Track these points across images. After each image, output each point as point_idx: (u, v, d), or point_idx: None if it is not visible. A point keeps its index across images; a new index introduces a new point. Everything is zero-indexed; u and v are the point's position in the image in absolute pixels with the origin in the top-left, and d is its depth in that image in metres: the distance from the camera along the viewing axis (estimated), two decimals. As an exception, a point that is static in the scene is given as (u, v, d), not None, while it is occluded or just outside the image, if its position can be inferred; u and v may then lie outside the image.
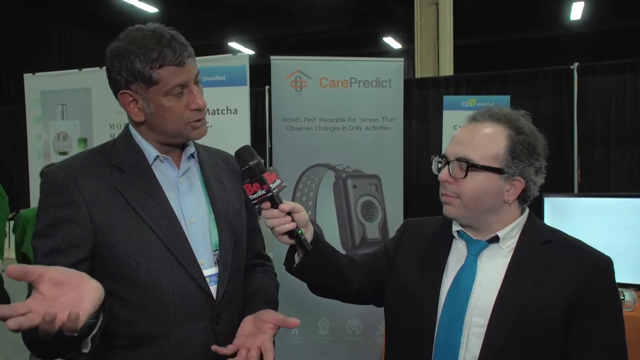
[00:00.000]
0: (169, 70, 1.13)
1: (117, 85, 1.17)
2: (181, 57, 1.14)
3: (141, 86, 1.14)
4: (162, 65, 1.12)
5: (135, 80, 1.13)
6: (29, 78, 4.24)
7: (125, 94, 1.16)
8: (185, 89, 1.17)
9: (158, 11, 10.42)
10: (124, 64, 1.13)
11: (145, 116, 1.18)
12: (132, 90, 1.15)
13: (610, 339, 1.12)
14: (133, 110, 1.18)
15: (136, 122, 1.21)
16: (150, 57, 1.11)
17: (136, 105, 1.17)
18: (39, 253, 1.12)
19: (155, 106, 1.16)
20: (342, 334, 3.29)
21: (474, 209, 1.18)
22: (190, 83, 1.18)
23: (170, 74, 1.13)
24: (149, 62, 1.11)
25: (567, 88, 5.92)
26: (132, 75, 1.13)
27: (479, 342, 1.13)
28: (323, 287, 1.37)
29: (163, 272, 1.16)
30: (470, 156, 1.16)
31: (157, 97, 1.15)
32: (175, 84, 1.14)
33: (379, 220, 3.31)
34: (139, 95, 1.15)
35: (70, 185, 1.13)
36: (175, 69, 1.14)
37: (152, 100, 1.15)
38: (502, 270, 1.17)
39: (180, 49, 1.14)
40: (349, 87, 3.31)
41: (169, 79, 1.13)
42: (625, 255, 2.34)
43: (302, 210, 1.21)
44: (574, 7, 10.53)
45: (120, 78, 1.15)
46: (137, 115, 1.18)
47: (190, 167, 1.29)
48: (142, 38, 1.13)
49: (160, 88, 1.14)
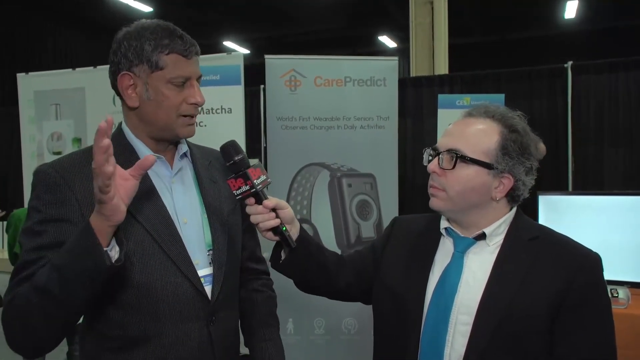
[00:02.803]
0: (176, 58, 1.16)
1: (119, 67, 1.17)
2: (189, 50, 1.18)
3: (145, 69, 1.15)
4: (171, 52, 1.15)
5: (141, 62, 1.15)
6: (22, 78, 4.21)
7: (126, 76, 1.17)
8: (187, 82, 1.18)
9: (153, 10, 10.39)
10: (133, 44, 1.15)
11: (140, 102, 1.18)
12: (134, 74, 1.16)
13: (597, 337, 1.11)
14: (129, 95, 1.18)
15: (129, 108, 1.20)
16: (161, 43, 1.15)
17: (134, 90, 1.17)
18: (26, 248, 1.10)
19: (154, 92, 1.16)
20: (338, 333, 3.30)
21: (459, 203, 1.18)
22: (193, 78, 1.20)
23: (176, 63, 1.16)
24: (158, 46, 1.15)
25: (561, 87, 5.94)
26: (138, 57, 1.15)
27: (465, 340, 1.12)
28: (309, 284, 1.37)
29: (157, 272, 1.15)
30: (461, 148, 1.16)
31: (158, 83, 1.16)
32: (179, 74, 1.16)
33: (374, 219, 3.31)
34: (140, 79, 1.16)
35: (62, 184, 1.13)
36: (182, 59, 1.17)
37: (152, 86, 1.16)
38: (489, 268, 1.16)
39: (190, 42, 1.19)
40: (344, 86, 3.32)
41: (174, 67, 1.16)
42: (618, 253, 2.35)
43: (287, 207, 1.21)
44: (568, 6, 10.56)
45: (124, 60, 1.16)
46: (132, 100, 1.18)
47: (184, 167, 1.29)
48: (155, 26, 1.17)
49: (164, 74, 1.15)
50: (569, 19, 11.34)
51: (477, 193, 1.16)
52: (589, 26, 11.95)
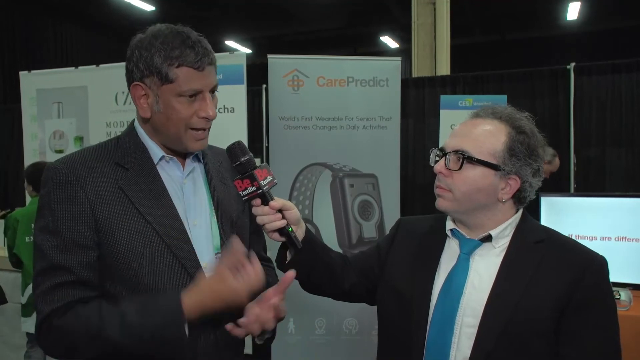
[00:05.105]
0: (187, 71, 1.12)
1: (132, 76, 1.16)
2: (202, 62, 1.13)
3: (155, 81, 1.13)
4: (181, 65, 1.11)
5: (151, 74, 1.12)
6: (24, 76, 4.21)
7: (138, 86, 1.15)
8: (199, 95, 1.15)
9: (155, 9, 10.38)
10: (144, 55, 1.12)
11: (152, 113, 1.17)
12: (145, 84, 1.14)
13: (603, 340, 1.11)
14: (142, 105, 1.17)
15: (142, 118, 1.20)
16: (171, 55, 1.11)
17: (146, 100, 1.16)
18: (46, 248, 1.10)
19: (164, 105, 1.14)
20: (339, 333, 3.29)
21: (466, 204, 1.17)
22: (206, 91, 1.16)
23: (187, 76, 1.12)
24: (168, 58, 1.11)
25: (564, 88, 5.93)
26: (148, 69, 1.12)
27: (470, 343, 1.12)
28: (314, 285, 1.37)
29: (165, 275, 1.14)
30: (468, 149, 1.15)
31: (168, 96, 1.13)
32: (189, 87, 1.13)
33: (376, 219, 3.31)
34: (151, 90, 1.14)
35: (74, 181, 1.12)
36: (193, 72, 1.12)
37: (163, 99, 1.14)
38: (495, 270, 1.16)
39: (203, 53, 1.13)
40: (346, 86, 3.31)
41: (184, 80, 1.12)
42: (620, 255, 2.35)
43: (293, 207, 1.21)
44: (570, 7, 10.55)
45: (136, 70, 1.14)
46: (145, 110, 1.17)
47: (195, 168, 1.28)
48: (167, 35, 1.13)
49: (174, 88, 1.12)
50: (571, 20, 11.32)
51: (484, 194, 1.16)
52: (591, 27, 11.93)
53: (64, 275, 1.08)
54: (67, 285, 1.08)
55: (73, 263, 1.09)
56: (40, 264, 1.10)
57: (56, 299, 1.08)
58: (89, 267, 1.11)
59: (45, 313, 1.08)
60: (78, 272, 1.09)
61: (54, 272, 1.09)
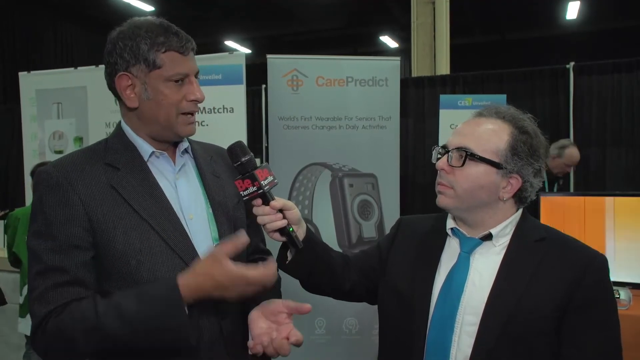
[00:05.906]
0: (173, 56, 1.15)
1: (116, 68, 1.16)
2: (185, 46, 1.16)
3: (142, 69, 1.14)
4: (167, 50, 1.14)
5: (138, 62, 1.14)
6: (24, 76, 4.21)
7: (124, 76, 1.16)
8: (186, 79, 1.18)
9: (154, 9, 10.39)
10: (129, 44, 1.13)
11: (140, 102, 1.17)
12: (132, 74, 1.15)
13: (604, 339, 1.11)
14: (128, 95, 1.17)
15: (128, 108, 1.19)
16: (157, 41, 1.13)
17: (132, 90, 1.16)
18: (40, 251, 1.09)
19: (153, 92, 1.15)
20: (339, 333, 3.30)
21: (467, 201, 1.18)
22: (191, 75, 1.19)
23: (173, 61, 1.15)
24: (154, 44, 1.13)
25: (563, 87, 5.92)
26: (135, 57, 1.13)
27: (471, 341, 1.12)
28: (315, 285, 1.37)
29: (165, 270, 1.14)
30: (471, 147, 1.16)
31: (156, 82, 1.15)
32: (177, 71, 1.15)
33: (376, 219, 3.31)
34: (138, 79, 1.15)
35: (65, 184, 1.12)
36: (179, 56, 1.16)
37: (151, 85, 1.15)
38: (495, 268, 1.16)
39: (185, 39, 1.17)
40: (346, 86, 3.32)
41: (171, 65, 1.15)
42: (620, 254, 2.35)
43: (294, 207, 1.21)
44: (570, 6, 10.55)
45: (121, 60, 1.15)
46: (132, 100, 1.17)
47: (186, 162, 1.28)
48: (150, 24, 1.16)
49: (162, 73, 1.14)
50: (571, 19, 11.32)
51: (485, 192, 1.17)
52: (591, 27, 11.94)
53: (60, 276, 1.08)
54: (62, 286, 1.08)
55: (68, 263, 1.08)
56: (36, 268, 1.09)
57: (52, 300, 1.06)
58: (85, 266, 1.10)
59: (40, 316, 1.06)
60: (74, 272, 1.09)
61: (50, 274, 1.08)
